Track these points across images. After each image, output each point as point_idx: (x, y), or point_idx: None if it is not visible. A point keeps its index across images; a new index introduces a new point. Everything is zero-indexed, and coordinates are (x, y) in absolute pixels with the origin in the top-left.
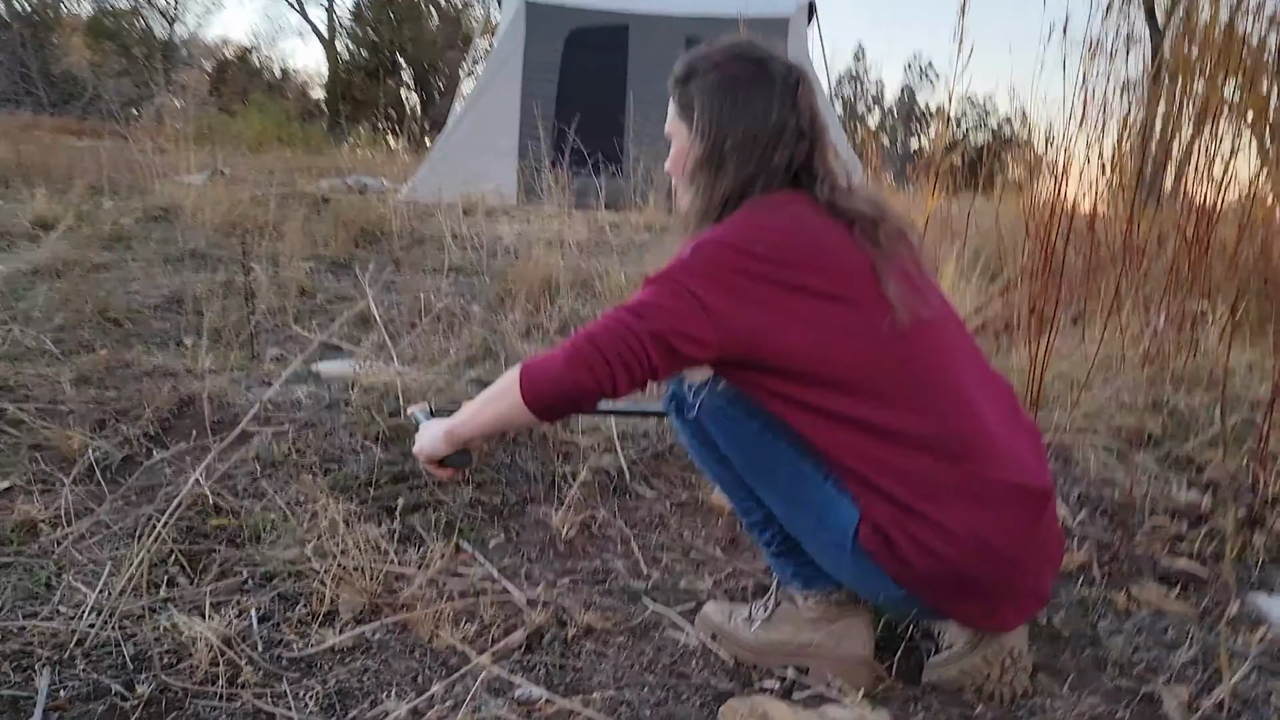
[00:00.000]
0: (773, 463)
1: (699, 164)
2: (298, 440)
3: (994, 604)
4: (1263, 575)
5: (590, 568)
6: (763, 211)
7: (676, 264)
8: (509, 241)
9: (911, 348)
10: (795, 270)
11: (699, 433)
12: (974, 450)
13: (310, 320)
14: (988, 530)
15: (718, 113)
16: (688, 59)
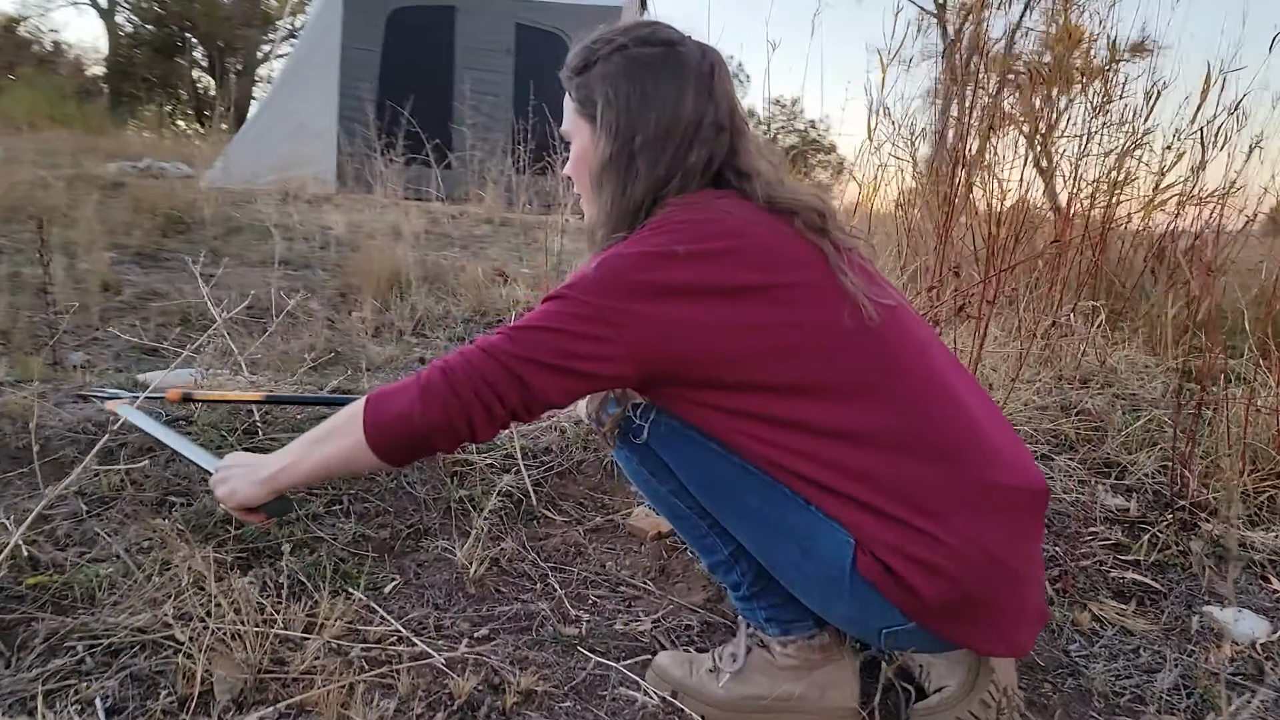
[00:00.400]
0: (741, 489)
1: (605, 165)
2: (131, 470)
3: (1009, 624)
4: (1210, 585)
5: (510, 613)
6: (681, 209)
7: (578, 278)
8: (339, 232)
9: (880, 341)
10: (730, 267)
11: (649, 460)
12: (967, 450)
13: (119, 320)
14: (994, 541)
15: (624, 104)
16: (584, 44)
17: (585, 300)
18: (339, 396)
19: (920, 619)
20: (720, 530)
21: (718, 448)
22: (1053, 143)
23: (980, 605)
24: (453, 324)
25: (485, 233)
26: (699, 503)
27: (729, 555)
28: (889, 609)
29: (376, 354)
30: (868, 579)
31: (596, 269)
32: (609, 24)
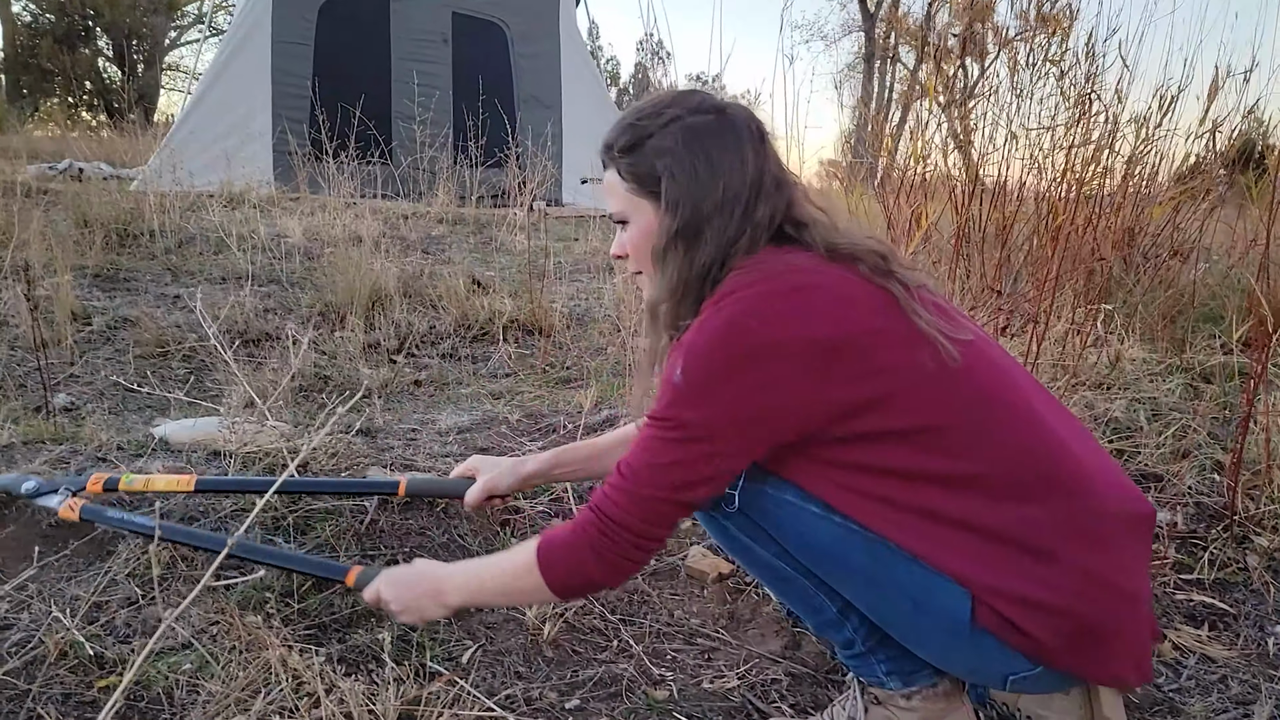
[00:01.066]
0: (845, 548)
1: (672, 239)
2: (179, 544)
3: (1133, 648)
4: (1276, 603)
5: (594, 676)
6: (746, 274)
7: (672, 394)
8: (296, 240)
9: (965, 380)
10: (804, 325)
11: (746, 527)
12: (1069, 481)
13: (94, 354)
14: (1107, 570)
15: (691, 175)
16: (625, 123)
17: (684, 421)
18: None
19: (1045, 661)
20: (827, 588)
21: (816, 508)
22: (968, 113)
23: (1102, 636)
24: (439, 339)
25: (442, 233)
26: (801, 563)
27: (837, 613)
28: (1012, 656)
29: (369, 378)
30: (987, 629)
31: (683, 379)
32: (643, 98)
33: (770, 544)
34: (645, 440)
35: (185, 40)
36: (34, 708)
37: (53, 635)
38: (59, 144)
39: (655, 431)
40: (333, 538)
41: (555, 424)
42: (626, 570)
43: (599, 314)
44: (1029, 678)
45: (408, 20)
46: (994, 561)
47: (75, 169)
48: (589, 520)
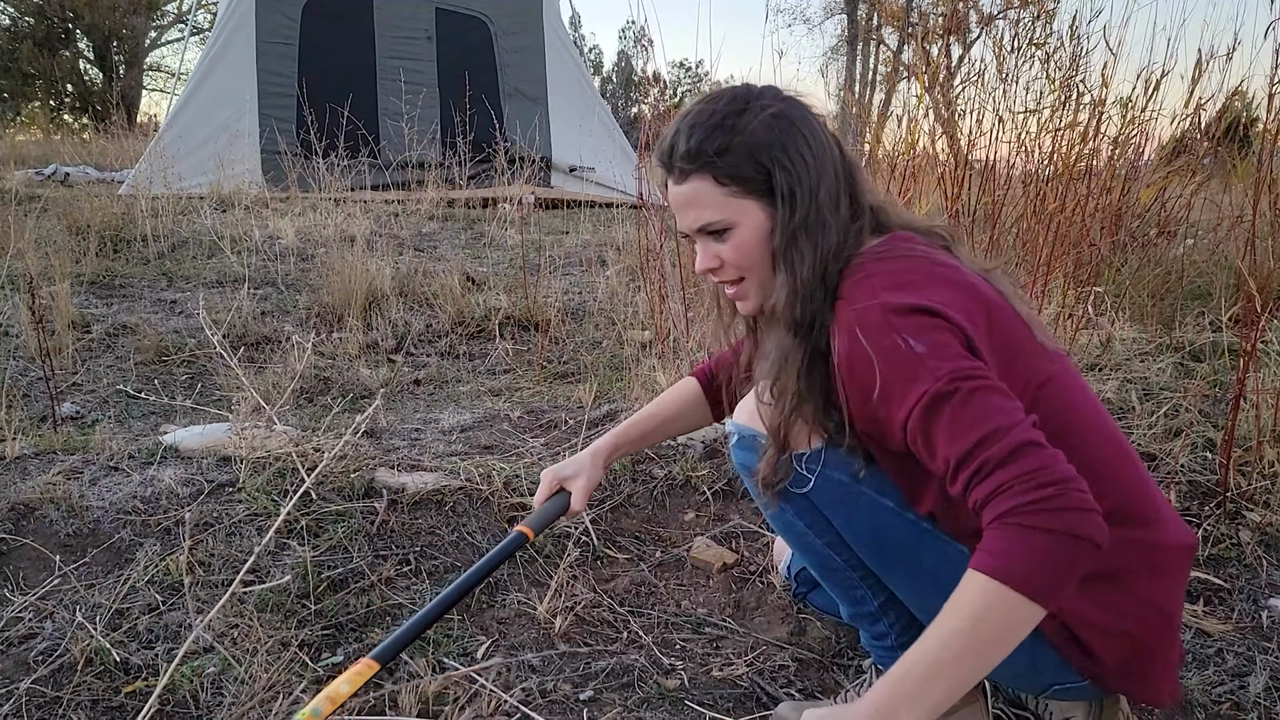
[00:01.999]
0: (915, 547)
1: (796, 233)
2: (195, 548)
3: (1171, 671)
4: (1269, 577)
5: (606, 668)
6: (877, 262)
7: (924, 359)
8: (289, 241)
9: (1060, 390)
10: (961, 304)
11: (807, 512)
12: (1143, 510)
13: (96, 362)
14: (1165, 599)
15: (803, 164)
16: (709, 123)
17: (958, 369)
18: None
19: (1098, 679)
20: (873, 582)
21: (891, 503)
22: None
23: (1153, 660)
24: (436, 337)
25: (432, 229)
26: (856, 555)
27: (878, 607)
28: (1066, 670)
29: (369, 378)
30: (1051, 643)
31: (920, 344)
32: (702, 101)
33: (828, 533)
34: (951, 418)
35: (166, 40)
36: (64, 714)
37: (78, 643)
38: (43, 148)
39: (949, 403)
40: (345, 539)
41: (556, 419)
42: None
43: (593, 308)
44: (1072, 689)
45: (391, 18)
46: None
47: (62, 173)
48: (1017, 513)
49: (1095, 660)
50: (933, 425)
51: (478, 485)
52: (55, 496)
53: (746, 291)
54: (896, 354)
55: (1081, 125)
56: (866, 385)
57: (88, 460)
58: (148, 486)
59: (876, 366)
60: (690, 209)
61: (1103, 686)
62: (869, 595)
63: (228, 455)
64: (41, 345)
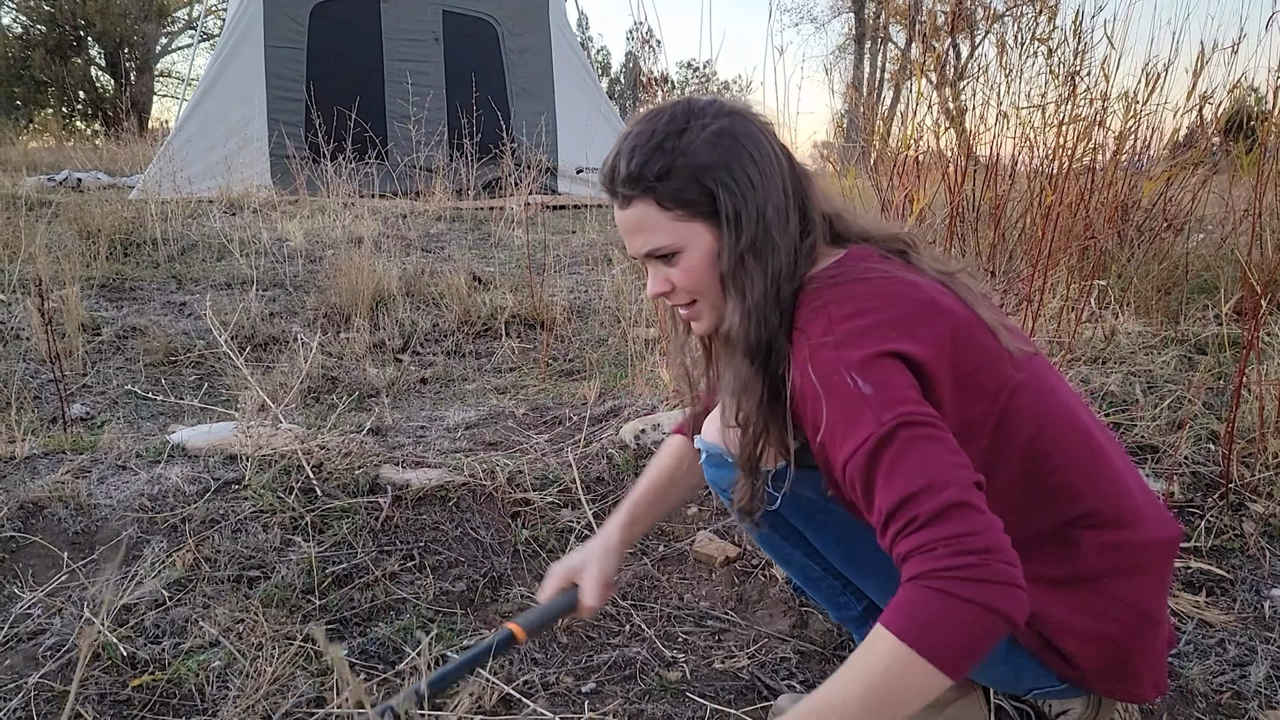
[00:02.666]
0: (884, 558)
1: (745, 254)
2: (201, 545)
3: (1156, 668)
4: (1271, 567)
5: (608, 661)
6: (830, 290)
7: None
8: (298, 243)
9: (1037, 399)
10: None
11: (781, 526)
12: (1120, 512)
13: (106, 364)
14: (1146, 598)
15: (748, 181)
16: (649, 145)
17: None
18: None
19: (1078, 682)
20: (854, 589)
21: (859, 519)
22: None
23: (1134, 660)
24: (443, 337)
25: (440, 230)
26: (833, 565)
27: (862, 611)
28: (1045, 674)
29: (376, 377)
30: (1027, 648)
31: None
32: (642, 120)
33: (802, 544)
34: (889, 466)
35: (177, 46)
36: (73, 708)
37: (86, 638)
38: (55, 154)
39: (888, 450)
40: (349, 535)
41: (561, 416)
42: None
43: (599, 306)
44: (1054, 691)
45: (399, 20)
46: (1043, 583)
47: (74, 179)
48: (913, 582)
49: (1074, 666)
50: (871, 472)
51: (481, 481)
52: (64, 495)
53: (699, 313)
54: (844, 393)
55: (1085, 120)
56: (815, 421)
57: (96, 459)
58: (155, 484)
59: (824, 403)
60: (636, 235)
61: (1084, 688)
62: (852, 601)
63: (234, 453)
64: (51, 348)
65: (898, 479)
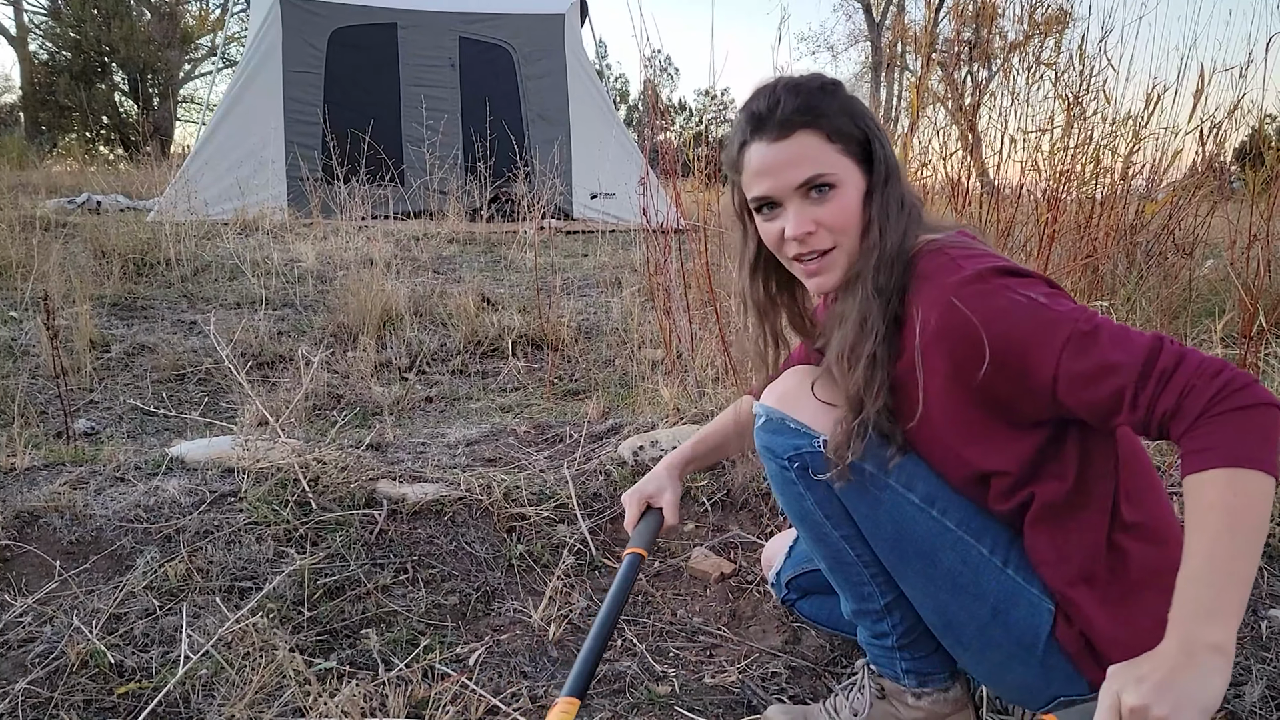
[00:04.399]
0: (935, 544)
1: (888, 201)
2: (194, 556)
3: None
4: (1269, 588)
5: (598, 674)
6: (942, 252)
7: (1046, 312)
8: (310, 264)
9: None
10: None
11: (827, 502)
12: (1165, 530)
13: (114, 380)
14: None
15: (886, 139)
16: (810, 86)
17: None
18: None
19: None
20: (884, 579)
21: (917, 499)
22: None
23: None
24: (450, 356)
25: (453, 253)
26: (870, 551)
27: (884, 605)
28: (1077, 680)
29: (381, 395)
30: (1065, 649)
31: (1040, 296)
32: (786, 77)
33: (846, 525)
34: (1107, 349)
35: (200, 72)
36: (57, 714)
37: (74, 646)
38: (77, 178)
39: (1098, 338)
40: (343, 547)
41: (561, 434)
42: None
43: (607, 327)
44: (1079, 703)
45: (415, 46)
46: (1091, 586)
47: (93, 202)
48: (1214, 407)
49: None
50: (1091, 362)
51: (477, 496)
52: (60, 505)
53: (833, 262)
54: (1019, 309)
55: (1091, 143)
56: (970, 357)
57: (94, 471)
58: (151, 496)
59: (996, 330)
60: (797, 165)
61: None
62: (876, 593)
63: (231, 467)
64: (57, 363)
65: (1123, 355)
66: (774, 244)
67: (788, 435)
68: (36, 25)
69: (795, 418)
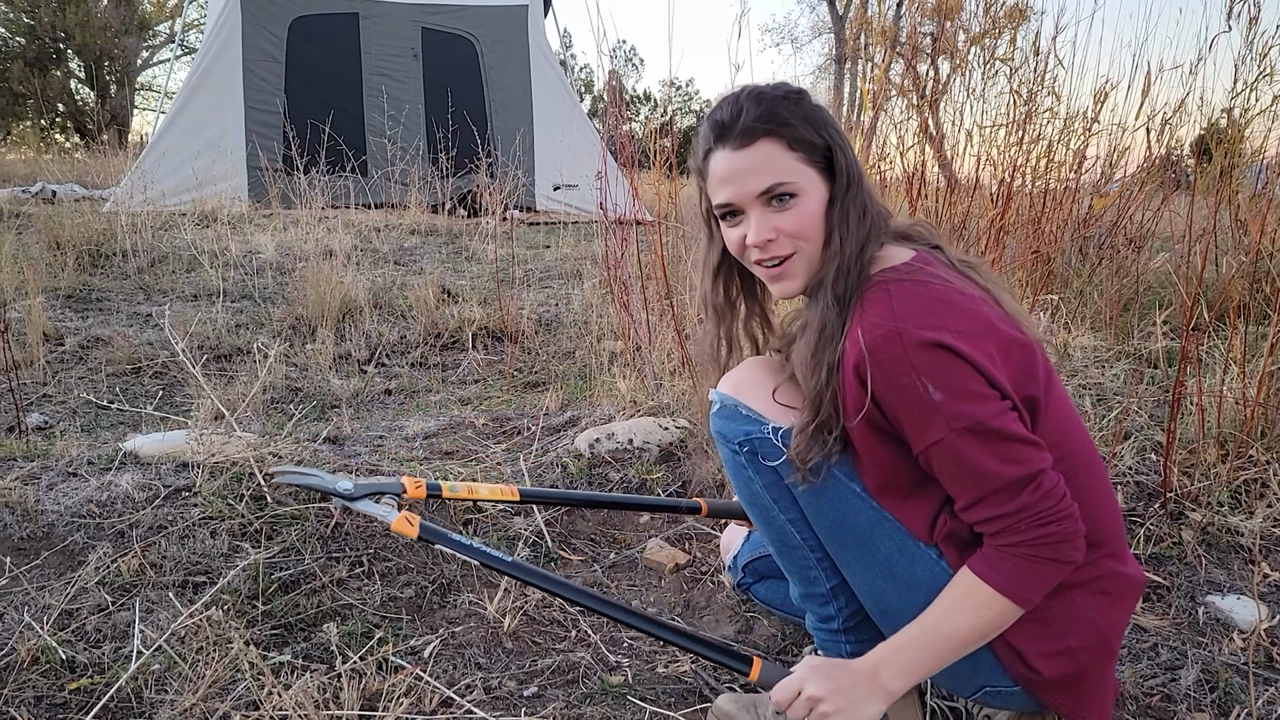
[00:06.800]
0: (873, 533)
1: (848, 210)
2: (147, 550)
3: (1103, 697)
4: (1207, 574)
5: (552, 665)
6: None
7: (940, 405)
8: (270, 256)
9: (1057, 402)
10: (985, 346)
11: (775, 487)
12: (1112, 540)
13: (68, 374)
14: (1109, 624)
15: (849, 148)
16: (775, 95)
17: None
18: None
19: (1029, 687)
20: (829, 565)
21: (858, 489)
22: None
23: (1086, 682)
24: (409, 348)
25: (414, 244)
26: (815, 535)
27: (829, 590)
28: (1001, 674)
29: (340, 388)
30: (990, 645)
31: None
32: (749, 86)
33: (792, 509)
34: (963, 461)
35: (158, 60)
36: (6, 710)
37: (25, 642)
38: (32, 166)
39: (965, 446)
40: (298, 541)
41: (520, 426)
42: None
43: (567, 319)
44: (1004, 693)
45: (378, 36)
46: None
47: (48, 191)
48: (1009, 546)
49: (1033, 670)
50: (946, 466)
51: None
52: (10, 501)
53: (794, 269)
54: (913, 395)
55: (1043, 139)
56: (876, 394)
57: (46, 466)
58: (104, 491)
59: (888, 400)
60: (758, 173)
61: (1035, 696)
62: (822, 577)
63: (186, 461)
64: (8, 357)
65: (973, 471)
66: (737, 250)
67: (740, 421)
68: None
69: (748, 405)
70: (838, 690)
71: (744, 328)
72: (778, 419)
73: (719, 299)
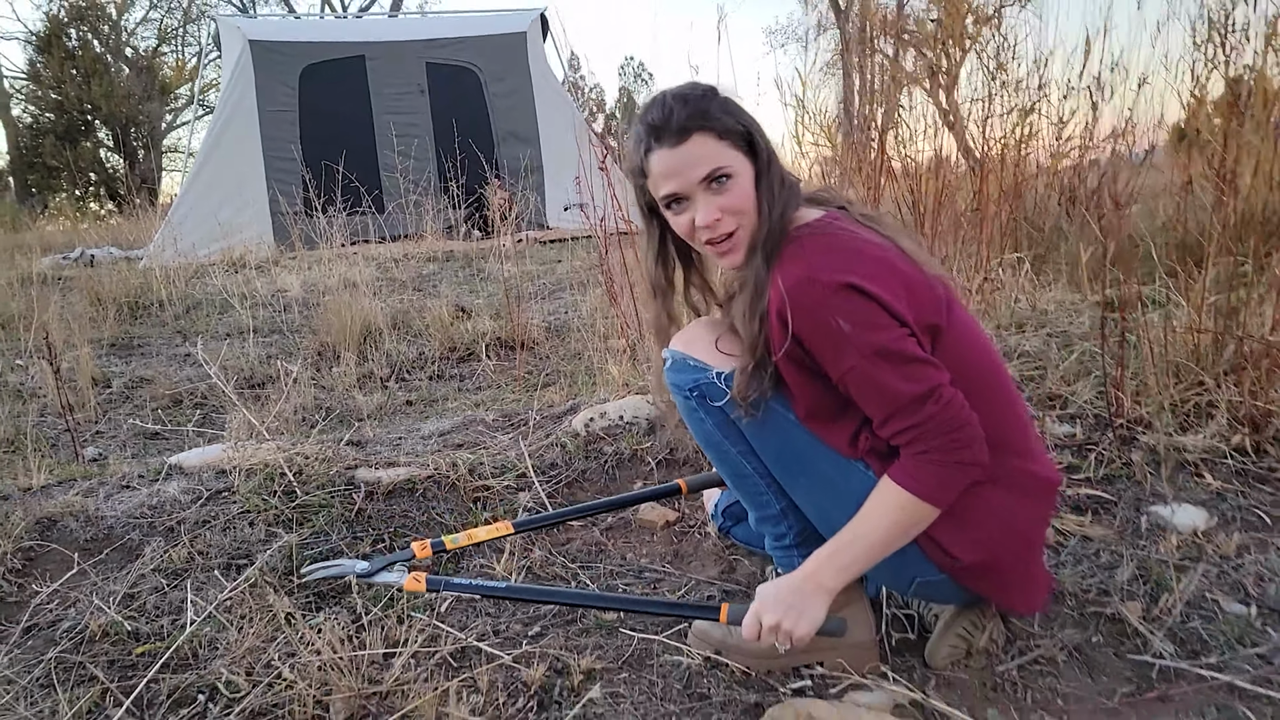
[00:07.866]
0: (811, 455)
1: (772, 183)
2: (194, 541)
3: (1026, 586)
4: (1153, 488)
5: (552, 609)
6: (813, 239)
7: (852, 344)
8: (296, 293)
9: (964, 336)
10: (892, 285)
11: (724, 423)
12: (1018, 442)
13: (116, 411)
14: (1025, 523)
15: (761, 129)
16: (695, 94)
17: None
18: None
19: (953, 575)
20: (777, 489)
21: (794, 418)
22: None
23: (1005, 570)
24: (427, 363)
25: (432, 271)
26: (763, 464)
27: (780, 510)
28: (926, 564)
29: (364, 403)
30: (915, 540)
31: (846, 320)
32: (670, 90)
33: (741, 442)
34: (875, 382)
35: (181, 121)
36: (88, 670)
37: (96, 620)
38: (70, 235)
39: (874, 369)
40: (326, 525)
41: (527, 419)
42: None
43: (576, 324)
44: (934, 583)
45: (385, 75)
46: None
47: (88, 256)
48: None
49: (950, 556)
50: (860, 388)
51: (445, 473)
52: (74, 510)
53: (739, 241)
54: (828, 330)
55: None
56: (797, 333)
57: (103, 482)
58: (154, 497)
59: (805, 333)
60: (698, 164)
61: (960, 583)
62: (772, 499)
63: (224, 468)
64: (63, 398)
65: (886, 390)
66: (686, 233)
67: (688, 371)
68: (17, 90)
69: (694, 356)
70: (790, 607)
71: (685, 299)
72: (721, 365)
73: (660, 280)
